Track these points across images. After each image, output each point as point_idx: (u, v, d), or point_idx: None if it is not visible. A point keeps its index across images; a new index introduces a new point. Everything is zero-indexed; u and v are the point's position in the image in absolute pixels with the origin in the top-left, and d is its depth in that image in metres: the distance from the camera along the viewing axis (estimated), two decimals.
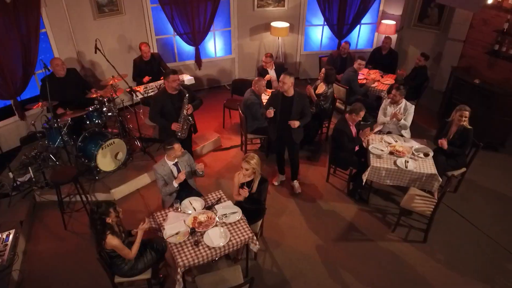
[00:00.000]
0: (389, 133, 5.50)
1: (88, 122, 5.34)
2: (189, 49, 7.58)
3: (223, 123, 6.82)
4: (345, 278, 4.16)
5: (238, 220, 3.89)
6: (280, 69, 6.54)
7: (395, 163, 4.75)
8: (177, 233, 3.73)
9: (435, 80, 8.06)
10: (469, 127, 4.80)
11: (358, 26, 8.23)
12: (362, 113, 4.84)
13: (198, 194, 4.36)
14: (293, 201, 5.21)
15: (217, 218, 3.87)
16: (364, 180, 4.83)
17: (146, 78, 5.94)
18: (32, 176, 5.08)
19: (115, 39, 6.67)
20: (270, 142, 5.91)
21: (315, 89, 6.14)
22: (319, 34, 8.32)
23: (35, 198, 5.07)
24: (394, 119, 5.33)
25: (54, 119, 4.91)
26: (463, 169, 5.08)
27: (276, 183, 5.44)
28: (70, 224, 4.79)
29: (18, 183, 5.00)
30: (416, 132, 6.48)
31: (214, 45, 7.86)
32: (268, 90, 6.33)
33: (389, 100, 5.51)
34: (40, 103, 4.99)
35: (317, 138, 6.39)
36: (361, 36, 8.45)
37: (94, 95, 5.21)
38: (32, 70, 5.66)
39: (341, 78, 6.63)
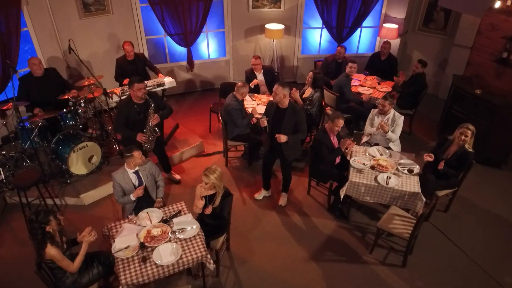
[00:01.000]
0: (376, 145, 5.14)
1: (62, 124, 5.21)
2: (181, 50, 7.39)
3: (210, 128, 6.59)
4: None
5: (194, 236, 3.65)
6: (269, 73, 6.27)
7: (375, 179, 4.40)
8: (126, 247, 3.52)
9: (440, 88, 7.60)
10: (470, 150, 4.38)
11: (359, 29, 7.85)
12: (338, 122, 4.50)
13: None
14: (269, 213, 4.93)
15: (170, 234, 3.63)
16: (342, 196, 4.50)
17: (126, 81, 5.76)
18: (3, 177, 4.98)
19: (102, 39, 6.55)
20: (252, 150, 5.66)
21: (302, 93, 5.83)
22: (318, 37, 7.98)
23: (6, 199, 4.98)
24: (381, 130, 4.96)
25: (20, 120, 4.78)
26: (454, 189, 4.68)
27: (257, 198, 5.15)
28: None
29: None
30: (414, 144, 6.10)
31: (207, 47, 7.65)
32: (256, 95, 6.09)
33: (376, 110, 5.15)
34: (10, 103, 4.88)
35: (304, 147, 6.07)
36: (362, 40, 8.06)
37: (65, 96, 5.06)
38: (13, 69, 5.57)
39: (333, 84, 6.28)
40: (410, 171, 4.47)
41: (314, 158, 4.79)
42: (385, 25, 7.38)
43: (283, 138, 4.37)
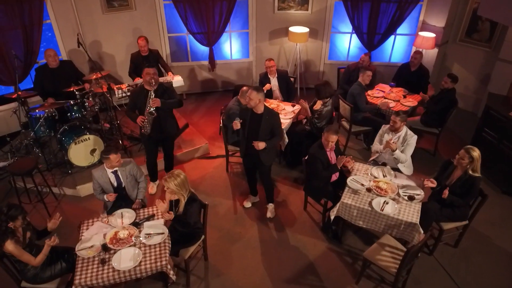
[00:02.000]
0: (383, 164, 4.69)
1: (69, 115, 5.34)
2: (203, 49, 7.32)
3: (220, 130, 6.45)
4: None
5: (159, 243, 3.52)
6: (283, 78, 6.00)
7: (370, 203, 3.99)
8: (91, 247, 3.47)
9: (480, 106, 6.84)
10: (475, 175, 3.85)
11: (393, 36, 7.30)
12: (329, 137, 4.12)
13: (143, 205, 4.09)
14: (257, 226, 4.69)
15: (133, 238, 3.53)
16: (332, 217, 4.15)
17: (137, 79, 5.77)
18: (7, 163, 5.19)
19: (124, 34, 6.65)
20: None
21: (313, 104, 5.50)
22: (347, 42, 7.54)
23: (13, 183, 5.18)
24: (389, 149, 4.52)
25: (28, 109, 4.95)
26: (464, 222, 4.13)
27: (246, 205, 4.94)
28: (30, 216, 4.77)
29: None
30: (437, 166, 5.48)
31: (230, 47, 7.52)
32: (268, 100, 5.85)
33: (388, 126, 4.69)
34: (19, 92, 5.08)
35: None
36: (396, 48, 7.48)
37: (71, 89, 5.17)
38: (34, 59, 5.83)
39: (348, 93, 5.86)
40: (411, 198, 4.00)
41: (308, 173, 4.46)
42: (421, 33, 6.78)
43: (261, 145, 4.14)
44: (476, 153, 3.79)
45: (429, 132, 5.82)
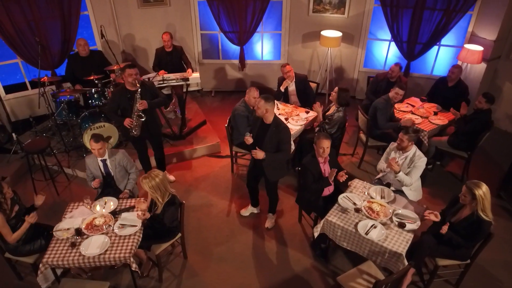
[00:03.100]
0: (388, 185, 4.32)
1: (90, 102, 5.64)
2: (234, 48, 7.32)
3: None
4: None
5: (130, 235, 3.57)
6: (301, 83, 5.78)
7: (356, 224, 3.69)
8: (68, 229, 3.63)
9: None
10: (485, 217, 3.34)
11: (436, 47, 6.70)
12: (321, 142, 3.86)
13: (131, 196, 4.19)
14: (246, 232, 4.57)
15: (105, 227, 3.62)
16: (316, 234, 3.90)
17: (161, 72, 5.93)
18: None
19: (158, 29, 6.83)
20: None
21: (328, 109, 5.23)
22: (385, 50, 7.07)
23: (34, 161, 5.61)
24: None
25: (52, 94, 5.32)
26: (465, 261, 3.65)
27: (243, 214, 4.82)
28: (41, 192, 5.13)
29: (23, 144, 5.60)
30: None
31: (261, 48, 7.43)
32: (284, 104, 5.71)
33: (395, 144, 4.31)
34: (45, 77, 5.47)
35: None
36: (439, 60, 6.86)
37: (91, 77, 5.45)
38: (70, 47, 6.25)
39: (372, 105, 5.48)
40: (401, 225, 3.63)
41: (301, 184, 4.25)
42: (467, 46, 6.13)
43: (259, 154, 3.95)
44: (480, 190, 3.30)
45: (458, 155, 5.24)
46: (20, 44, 5.79)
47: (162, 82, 5.47)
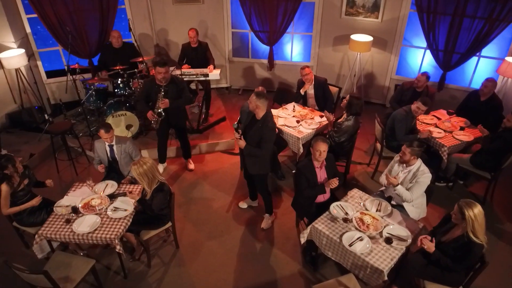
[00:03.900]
0: (389, 198, 4.12)
1: (116, 91, 5.97)
2: (264, 47, 7.34)
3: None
4: None
5: (120, 219, 3.75)
6: (320, 86, 5.67)
7: (342, 235, 3.56)
8: (67, 206, 3.89)
9: None
10: (476, 240, 3.09)
11: (476, 58, 6.23)
12: (317, 145, 3.76)
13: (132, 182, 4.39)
14: (241, 229, 4.59)
15: (97, 207, 3.83)
16: (302, 241, 3.83)
17: (185, 66, 6.13)
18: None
19: (190, 25, 6.98)
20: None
21: (341, 116, 5.09)
22: (420, 58, 6.70)
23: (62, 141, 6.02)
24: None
25: (82, 81, 5.70)
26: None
27: (241, 206, 4.88)
28: (63, 171, 5.54)
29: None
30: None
31: (291, 48, 7.38)
32: (302, 106, 5.65)
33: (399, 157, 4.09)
34: (77, 64, 5.88)
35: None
36: (479, 72, 6.36)
37: (117, 67, 5.76)
38: (106, 38, 6.64)
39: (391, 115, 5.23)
40: (389, 241, 3.45)
41: (296, 188, 4.18)
42: (508, 58, 5.64)
43: (241, 143, 4.01)
44: (470, 212, 3.04)
45: (481, 176, 4.85)
46: (61, 33, 6.26)
47: (181, 76, 5.63)
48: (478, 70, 6.34)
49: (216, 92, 7.52)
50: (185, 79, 5.76)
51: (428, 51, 6.46)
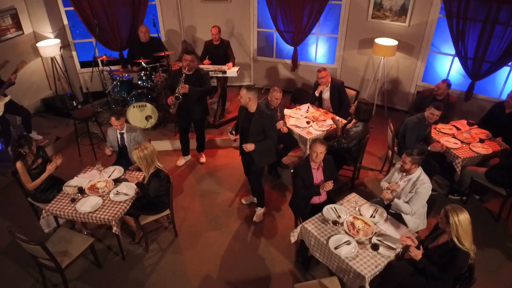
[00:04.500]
0: (387, 207, 4.01)
1: (140, 83, 6.25)
2: (289, 48, 7.36)
3: None
4: None
5: (120, 202, 3.96)
6: (336, 89, 5.61)
7: (330, 237, 3.54)
8: (75, 186, 4.16)
9: None
10: (460, 246, 2.99)
11: (508, 68, 5.88)
12: (315, 147, 3.76)
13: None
14: (240, 224, 4.67)
15: (100, 190, 4.06)
16: (292, 240, 3.83)
17: (206, 62, 6.30)
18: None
19: (217, 23, 7.17)
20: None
21: (349, 122, 5.02)
22: (448, 65, 6.43)
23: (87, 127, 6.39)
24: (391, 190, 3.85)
25: (109, 72, 6.04)
26: None
27: (244, 202, 4.97)
28: (84, 155, 5.90)
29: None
30: (493, 237, 4.46)
31: (316, 50, 7.34)
32: (316, 108, 5.64)
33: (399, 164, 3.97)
34: (104, 56, 6.22)
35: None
36: (511, 83, 5.99)
37: (140, 60, 6.04)
38: (136, 32, 6.95)
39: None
40: (375, 247, 3.38)
41: (293, 187, 4.19)
42: None
43: (249, 147, 4.08)
44: (455, 217, 2.95)
45: (495, 191, 4.60)
46: (94, 25, 6.65)
47: None
48: (510, 80, 5.98)
49: (239, 90, 7.63)
50: None
51: (456, 59, 6.19)
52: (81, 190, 4.07)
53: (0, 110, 5.30)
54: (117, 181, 4.24)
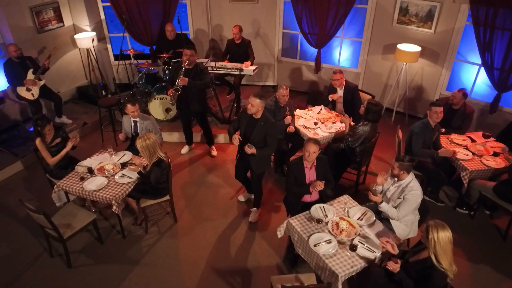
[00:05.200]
0: (378, 211, 3.98)
1: (163, 77, 6.59)
2: (313, 50, 7.39)
3: None
4: None
5: (124, 184, 4.25)
6: (350, 92, 5.60)
7: (312, 234, 3.59)
8: (86, 166, 4.52)
9: None
10: (440, 267, 2.90)
11: None
12: (308, 146, 3.80)
13: None
14: (236, 217, 4.82)
15: (106, 172, 4.38)
16: (278, 235, 3.92)
17: (225, 62, 6.51)
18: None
19: (244, 23, 7.36)
20: (279, 157, 5.45)
21: (359, 122, 5.00)
22: (473, 75, 6.16)
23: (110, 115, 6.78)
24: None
25: (136, 65, 6.45)
26: None
27: (240, 199, 5.08)
28: (106, 141, 6.31)
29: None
30: (498, 255, 4.30)
31: (339, 53, 7.31)
32: (328, 110, 5.66)
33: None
34: (132, 49, 6.62)
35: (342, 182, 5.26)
36: None
37: (163, 55, 6.36)
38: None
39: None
40: (352, 248, 3.38)
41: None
42: None
43: (250, 150, 4.15)
44: (435, 233, 2.87)
45: (503, 208, 4.39)
46: (128, 20, 7.09)
47: (215, 68, 6.03)
48: None
49: (263, 89, 7.77)
50: (220, 71, 6.16)
51: (482, 69, 5.93)
52: (90, 170, 4.41)
53: (35, 93, 5.84)
54: (124, 165, 4.54)
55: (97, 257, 4.27)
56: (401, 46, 6.21)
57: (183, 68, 5.09)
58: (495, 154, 4.76)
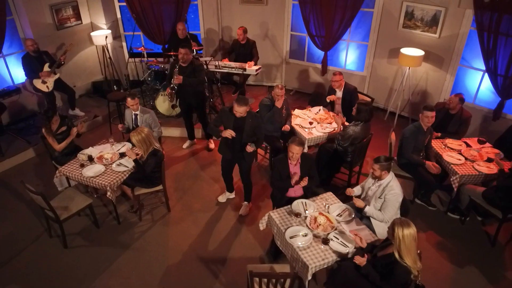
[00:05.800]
0: (360, 210, 4.04)
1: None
2: (320, 52, 7.48)
3: None
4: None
5: (120, 172, 4.51)
6: (349, 93, 5.67)
7: (287, 228, 3.71)
8: (87, 154, 4.80)
9: None
10: (403, 262, 2.97)
11: None
12: (290, 147, 3.91)
13: None
14: (227, 210, 4.98)
15: (105, 161, 4.64)
16: (261, 227, 4.05)
17: (225, 60, 6.72)
18: None
19: (253, 25, 7.60)
20: (274, 154, 5.57)
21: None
22: (478, 81, 6.09)
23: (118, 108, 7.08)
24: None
25: (145, 63, 6.74)
26: None
27: (220, 200, 5.17)
28: (114, 134, 6.59)
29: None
30: (485, 262, 4.27)
31: (346, 56, 7.37)
32: (327, 112, 5.75)
33: None
34: (142, 47, 6.92)
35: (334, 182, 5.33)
36: None
37: (171, 53, 6.62)
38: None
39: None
40: (325, 241, 3.48)
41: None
42: None
43: (250, 148, 4.39)
44: (400, 231, 2.94)
45: (491, 216, 4.36)
46: (143, 20, 7.41)
47: (218, 67, 6.23)
48: None
49: (268, 89, 7.92)
50: (224, 70, 6.36)
51: (486, 75, 5.85)
52: (90, 158, 4.70)
53: (50, 85, 6.22)
54: (122, 155, 4.80)
55: (92, 239, 4.54)
56: (404, 50, 6.22)
57: (177, 66, 5.31)
58: (489, 160, 4.72)
